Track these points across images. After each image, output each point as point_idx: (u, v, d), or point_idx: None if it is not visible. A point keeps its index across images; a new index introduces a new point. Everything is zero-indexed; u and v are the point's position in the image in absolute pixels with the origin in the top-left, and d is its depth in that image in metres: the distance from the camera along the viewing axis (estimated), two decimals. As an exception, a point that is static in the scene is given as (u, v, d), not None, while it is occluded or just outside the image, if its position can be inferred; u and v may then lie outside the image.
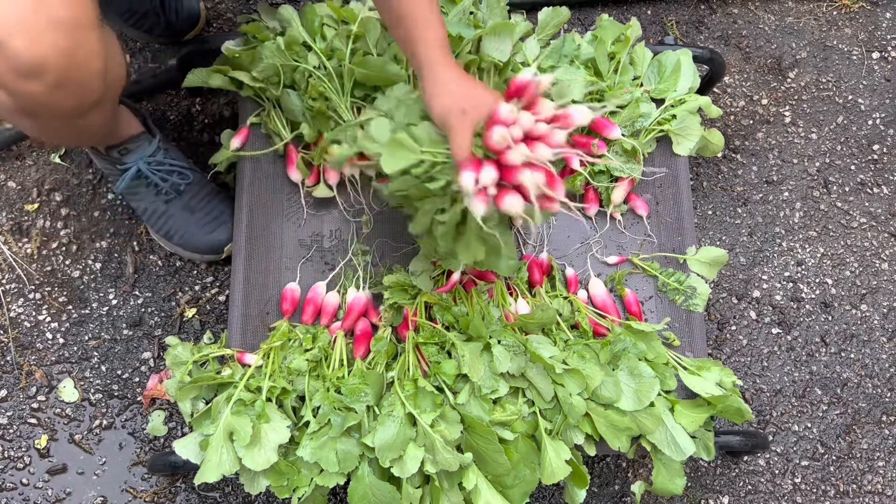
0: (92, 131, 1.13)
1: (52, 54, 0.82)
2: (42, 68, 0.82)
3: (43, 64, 0.82)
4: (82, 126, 1.08)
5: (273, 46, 1.18)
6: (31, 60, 0.81)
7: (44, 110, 0.89)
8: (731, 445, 1.23)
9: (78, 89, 0.89)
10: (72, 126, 1.04)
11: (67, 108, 0.91)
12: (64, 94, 0.88)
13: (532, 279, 1.21)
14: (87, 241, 1.38)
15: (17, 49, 0.79)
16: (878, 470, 1.36)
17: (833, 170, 1.53)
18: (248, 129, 1.26)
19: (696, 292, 1.23)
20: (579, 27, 1.57)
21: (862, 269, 1.47)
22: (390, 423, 1.01)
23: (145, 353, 1.33)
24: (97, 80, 0.91)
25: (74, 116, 0.96)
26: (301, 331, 1.15)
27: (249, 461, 0.99)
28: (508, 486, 1.03)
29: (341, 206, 1.25)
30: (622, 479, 1.31)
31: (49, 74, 0.83)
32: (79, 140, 1.17)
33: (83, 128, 1.09)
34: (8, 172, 1.42)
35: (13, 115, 0.95)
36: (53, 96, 0.86)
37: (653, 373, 1.09)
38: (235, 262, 1.20)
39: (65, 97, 0.88)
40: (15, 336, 1.33)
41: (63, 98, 0.88)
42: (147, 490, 1.27)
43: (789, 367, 1.40)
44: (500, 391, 1.06)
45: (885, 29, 1.64)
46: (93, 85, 0.91)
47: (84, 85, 0.90)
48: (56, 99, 0.87)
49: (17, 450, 1.27)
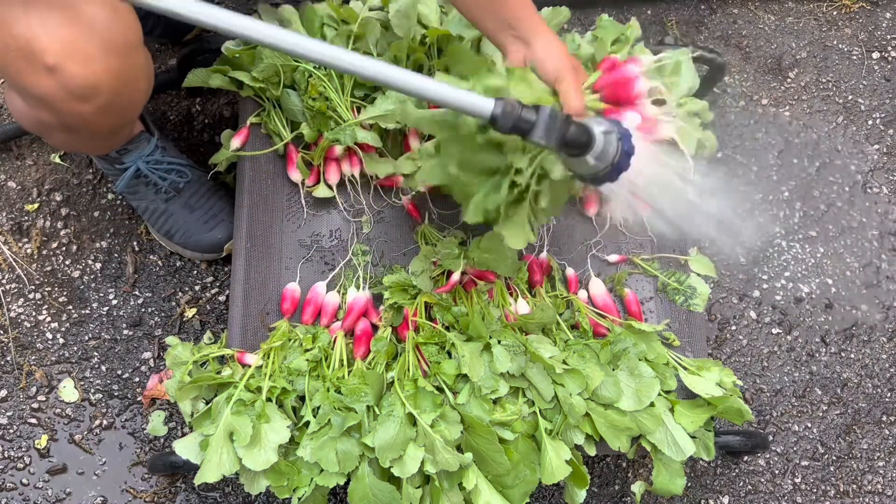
0: (119, 141, 1.15)
1: (106, 78, 0.83)
2: (95, 91, 0.83)
3: (96, 87, 0.83)
4: (114, 139, 1.10)
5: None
6: (86, 83, 0.82)
7: (88, 128, 0.91)
8: (731, 445, 1.23)
9: (124, 109, 0.91)
10: (105, 139, 1.06)
11: (110, 126, 0.93)
12: (110, 114, 0.89)
13: (532, 279, 1.21)
14: (87, 241, 1.38)
15: (73, 73, 0.80)
16: (878, 470, 1.36)
17: (833, 170, 1.53)
18: (248, 129, 1.26)
19: (696, 292, 1.23)
20: (579, 27, 1.57)
21: (862, 269, 1.47)
22: (390, 423, 1.01)
23: (145, 353, 1.33)
24: (143, 98, 0.94)
25: (113, 132, 0.97)
26: (301, 331, 1.15)
27: (249, 461, 0.99)
28: (508, 486, 1.03)
29: (341, 206, 1.25)
30: (622, 479, 1.31)
31: (102, 97, 0.84)
32: (102, 148, 1.18)
33: (114, 139, 1.11)
34: (8, 172, 1.42)
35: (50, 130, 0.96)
36: (100, 116, 0.88)
37: (653, 373, 1.09)
38: (235, 262, 1.20)
39: (111, 116, 0.90)
40: (15, 336, 1.33)
41: (109, 117, 0.90)
42: (147, 490, 1.27)
43: (789, 367, 1.40)
44: (500, 391, 1.06)
45: (885, 29, 1.64)
46: (138, 103, 0.94)
47: (131, 104, 0.92)
48: (102, 118, 0.89)
49: (17, 450, 1.27)
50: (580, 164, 0.82)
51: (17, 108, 0.99)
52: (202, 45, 1.32)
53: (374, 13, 1.24)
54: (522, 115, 0.75)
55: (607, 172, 0.82)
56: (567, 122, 0.77)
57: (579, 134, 0.78)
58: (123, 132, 1.08)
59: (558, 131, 0.76)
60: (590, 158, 0.80)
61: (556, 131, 0.76)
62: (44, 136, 1.05)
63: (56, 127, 0.91)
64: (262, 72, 1.20)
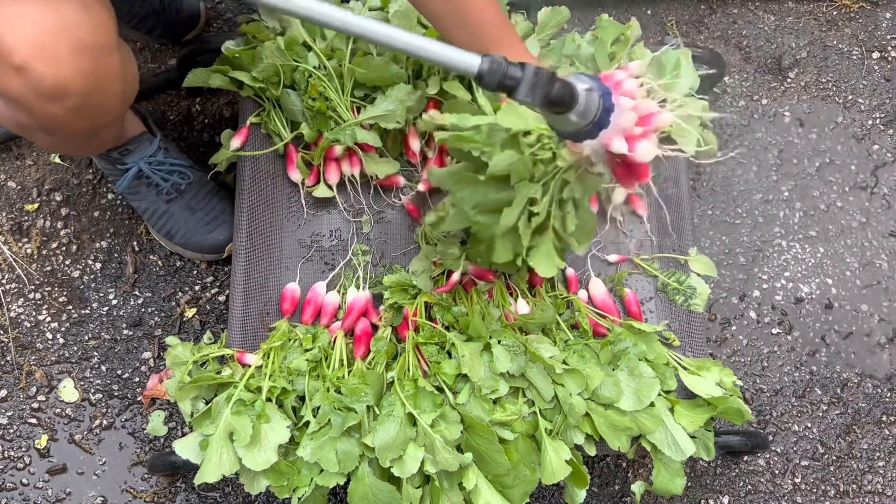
0: (102, 143, 1.14)
1: (75, 79, 0.82)
2: (65, 92, 0.82)
3: (66, 88, 0.82)
4: (95, 140, 1.09)
5: (273, 46, 1.19)
6: (54, 84, 0.80)
7: (63, 129, 0.89)
8: (731, 445, 1.23)
9: (97, 111, 0.90)
10: (85, 140, 1.05)
11: (86, 128, 0.92)
12: (84, 116, 0.88)
13: (532, 279, 1.21)
14: (87, 241, 1.38)
15: (41, 73, 0.79)
16: (878, 470, 1.36)
17: (833, 170, 1.53)
18: (248, 129, 1.26)
19: (696, 292, 1.23)
20: (579, 27, 1.57)
21: (862, 269, 1.47)
22: (390, 423, 1.01)
23: (145, 353, 1.33)
24: (116, 101, 0.92)
25: (91, 134, 0.97)
26: (301, 331, 1.15)
27: (249, 461, 0.99)
28: (508, 486, 1.03)
29: (341, 206, 1.25)
30: (622, 479, 1.31)
31: (71, 98, 0.83)
32: (88, 150, 1.17)
33: (96, 141, 1.10)
34: (8, 172, 1.42)
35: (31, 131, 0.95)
36: (73, 117, 0.87)
37: (653, 373, 1.09)
38: (235, 262, 1.20)
39: (84, 118, 0.89)
40: (15, 336, 1.33)
41: (82, 119, 0.88)
42: (147, 490, 1.27)
43: (789, 368, 1.40)
44: (500, 391, 1.06)
45: (884, 29, 1.64)
46: (111, 106, 0.92)
47: (103, 107, 0.90)
48: (76, 120, 0.87)
49: (17, 450, 1.27)
50: (563, 122, 0.83)
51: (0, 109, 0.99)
52: (202, 45, 1.32)
53: (374, 13, 1.24)
54: (508, 72, 0.74)
55: (588, 129, 0.82)
56: (552, 79, 0.77)
57: (563, 92, 0.78)
58: (104, 135, 1.06)
59: (543, 88, 0.76)
60: (572, 116, 0.80)
61: (541, 88, 0.76)
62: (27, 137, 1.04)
63: (34, 128, 0.91)
64: (262, 72, 1.20)
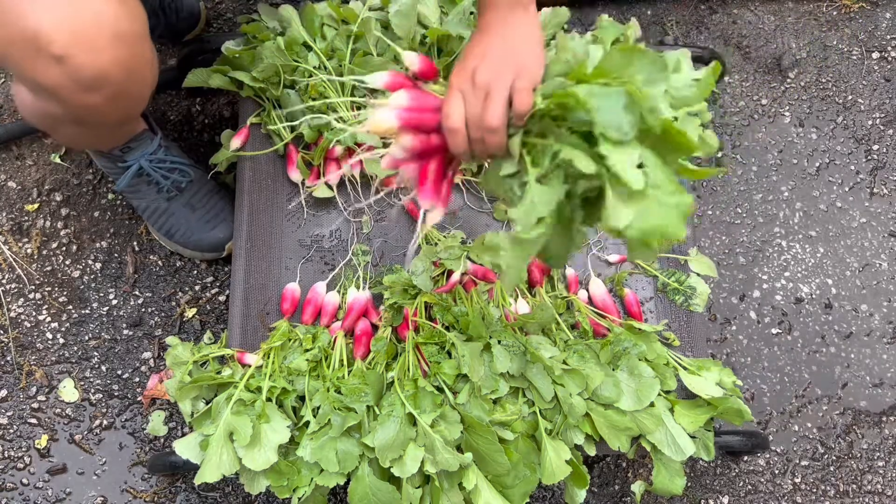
0: (126, 133, 1.15)
1: (113, 68, 0.83)
2: (104, 81, 0.83)
3: (105, 77, 0.83)
4: (120, 130, 1.09)
5: (273, 46, 1.19)
6: (94, 74, 0.81)
7: (97, 118, 0.90)
8: (731, 445, 1.23)
9: (131, 99, 0.91)
10: (111, 130, 1.06)
11: (118, 117, 0.93)
12: (119, 105, 0.89)
13: (532, 279, 1.21)
14: (87, 241, 1.38)
15: (81, 63, 0.80)
16: (878, 470, 1.36)
17: (833, 170, 1.53)
18: (248, 129, 1.26)
19: (696, 292, 1.23)
20: (579, 27, 1.57)
21: (862, 269, 1.47)
22: (390, 423, 1.01)
23: (145, 353, 1.33)
24: (149, 90, 0.94)
25: (121, 124, 0.97)
26: (301, 331, 1.15)
27: (249, 461, 0.99)
28: (508, 486, 1.03)
29: (341, 206, 1.25)
30: (622, 479, 1.31)
31: (109, 87, 0.84)
32: (111, 141, 1.17)
33: (121, 132, 1.11)
34: (8, 172, 1.42)
35: (59, 123, 0.96)
36: (109, 106, 0.88)
37: (653, 373, 1.09)
38: (235, 262, 1.20)
39: (119, 107, 0.90)
40: (15, 336, 1.33)
41: (117, 108, 0.90)
42: (147, 490, 1.27)
43: (789, 368, 1.40)
44: (500, 391, 1.06)
45: (884, 29, 1.64)
46: (144, 94, 0.93)
47: (137, 94, 0.92)
48: (111, 109, 0.89)
49: (17, 450, 1.27)
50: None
51: (25, 102, 0.99)
52: (202, 45, 1.32)
53: (374, 13, 1.25)
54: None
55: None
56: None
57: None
58: (129, 125, 1.07)
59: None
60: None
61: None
62: (50, 131, 1.05)
63: (64, 120, 0.91)
64: (262, 72, 1.20)
